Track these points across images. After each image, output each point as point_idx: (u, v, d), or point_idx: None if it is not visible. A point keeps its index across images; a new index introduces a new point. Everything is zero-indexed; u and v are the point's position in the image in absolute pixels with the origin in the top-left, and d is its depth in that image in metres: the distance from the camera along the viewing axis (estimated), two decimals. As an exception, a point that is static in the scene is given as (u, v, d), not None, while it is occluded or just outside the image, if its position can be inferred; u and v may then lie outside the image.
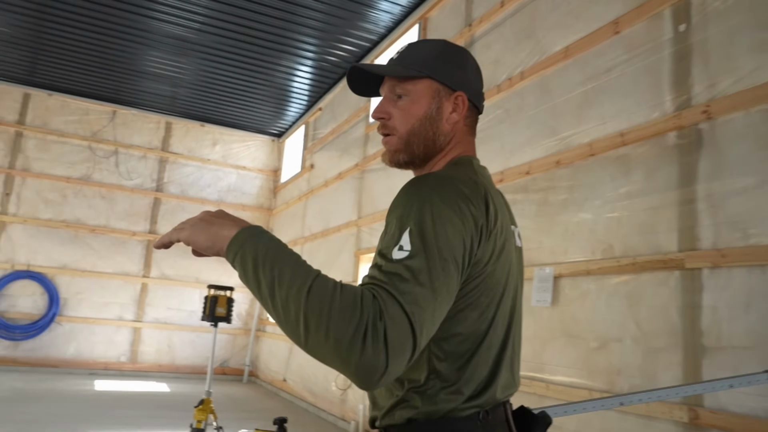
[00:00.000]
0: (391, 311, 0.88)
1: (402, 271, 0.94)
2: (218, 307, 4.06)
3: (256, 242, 0.98)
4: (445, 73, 1.21)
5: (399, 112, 1.22)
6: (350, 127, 7.96)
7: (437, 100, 1.21)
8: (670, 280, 3.03)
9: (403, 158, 1.23)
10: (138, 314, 10.00)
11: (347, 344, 0.85)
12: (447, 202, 1.03)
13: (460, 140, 1.25)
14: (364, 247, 6.93)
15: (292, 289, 0.90)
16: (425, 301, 0.93)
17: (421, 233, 0.98)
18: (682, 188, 3.04)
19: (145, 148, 10.45)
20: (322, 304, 0.87)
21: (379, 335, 0.85)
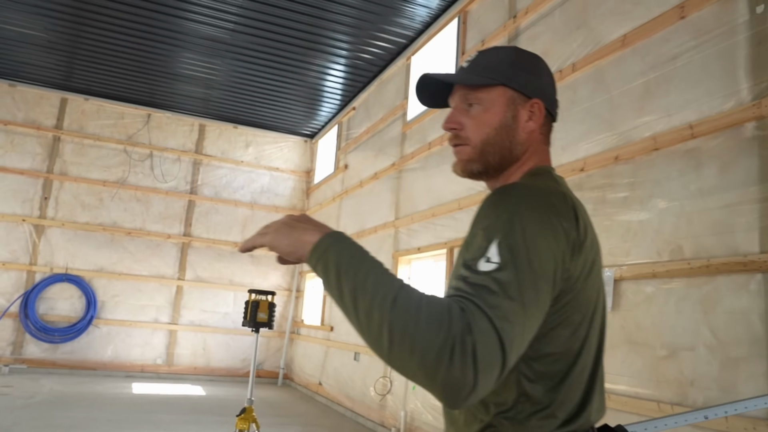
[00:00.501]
0: (481, 325, 0.82)
1: (490, 284, 0.88)
2: (260, 312, 3.93)
3: (340, 249, 0.95)
4: (519, 80, 1.15)
5: (472, 122, 1.16)
6: (386, 126, 7.80)
7: (512, 108, 1.15)
8: (750, 283, 2.78)
9: (476, 168, 1.18)
10: (173, 317, 10.00)
11: (434, 358, 0.80)
12: (537, 214, 0.99)
13: (536, 149, 1.19)
14: (403, 248, 6.75)
15: (376, 299, 0.86)
16: (515, 316, 0.87)
17: (511, 245, 0.93)
18: (764, 183, 2.78)
19: (180, 151, 10.45)
20: (408, 315, 0.83)
21: (467, 350, 0.80)
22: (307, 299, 10.55)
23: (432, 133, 6.38)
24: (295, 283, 10.81)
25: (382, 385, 6.71)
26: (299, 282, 10.82)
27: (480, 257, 0.93)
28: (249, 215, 10.76)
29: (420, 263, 6.70)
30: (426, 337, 0.81)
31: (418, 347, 0.81)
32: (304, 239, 1.00)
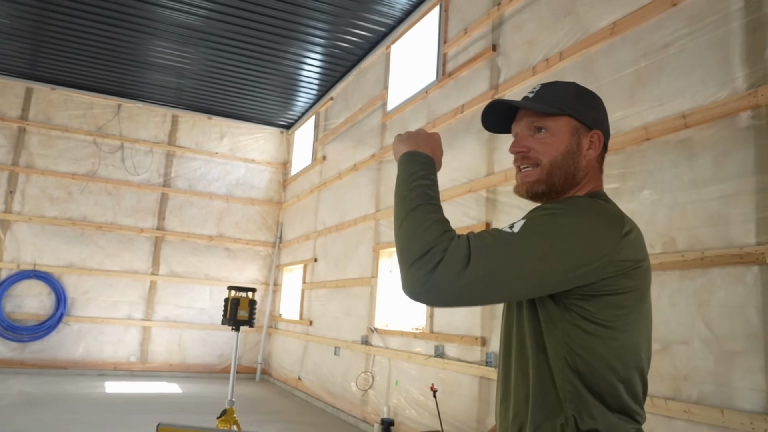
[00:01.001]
0: (456, 247, 1.05)
1: (493, 232, 1.10)
2: (240, 310, 3.78)
3: (410, 164, 1.23)
4: (583, 112, 1.28)
5: (540, 146, 1.27)
6: (365, 116, 7.65)
7: (576, 137, 1.26)
8: (747, 276, 2.73)
9: (542, 189, 1.28)
10: (147, 313, 9.75)
11: (410, 256, 1.06)
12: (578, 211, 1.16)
13: (593, 176, 1.30)
14: (384, 241, 6.64)
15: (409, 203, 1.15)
16: (494, 251, 1.06)
17: (535, 224, 1.11)
18: (760, 174, 2.73)
19: (152, 143, 10.16)
20: (416, 221, 1.10)
21: (432, 261, 1.04)
22: (285, 293, 10.39)
23: (413, 123, 6.26)
24: (273, 276, 10.63)
25: (364, 380, 6.61)
26: (276, 275, 10.64)
27: (506, 227, 1.12)
28: (224, 208, 10.53)
29: (401, 256, 6.59)
30: (415, 240, 1.07)
31: (407, 244, 1.08)
32: (400, 148, 1.28)
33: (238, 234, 10.58)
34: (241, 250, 10.56)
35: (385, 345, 6.25)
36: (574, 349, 1.14)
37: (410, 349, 5.73)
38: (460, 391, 4.86)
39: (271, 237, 10.83)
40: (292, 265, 9.95)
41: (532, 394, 1.17)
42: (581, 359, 1.13)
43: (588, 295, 1.13)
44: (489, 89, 5.00)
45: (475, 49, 5.30)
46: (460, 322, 5.00)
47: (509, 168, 4.57)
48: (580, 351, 1.14)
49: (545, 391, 1.16)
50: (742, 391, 2.70)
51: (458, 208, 5.21)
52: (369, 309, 6.73)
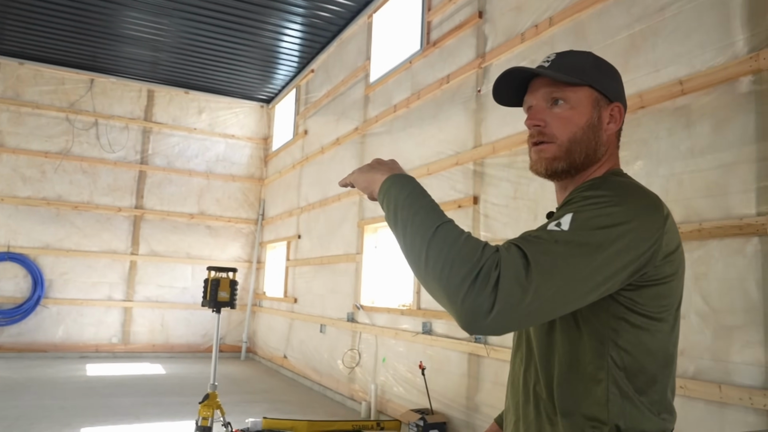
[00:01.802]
0: (511, 260, 0.88)
1: (543, 234, 0.95)
2: (221, 291, 3.63)
3: (400, 186, 1.05)
4: (604, 83, 1.17)
5: (558, 120, 1.15)
6: (347, 88, 7.44)
7: (597, 110, 1.16)
8: (746, 247, 2.64)
9: (562, 166, 1.17)
10: (128, 293, 9.56)
11: (457, 284, 0.87)
12: (625, 197, 1.02)
13: (613, 152, 1.21)
14: (368, 216, 6.49)
15: (421, 229, 0.96)
16: (555, 256, 0.91)
17: (585, 218, 0.97)
18: (762, 142, 2.62)
19: (127, 119, 9.84)
20: (444, 244, 0.91)
21: (489, 281, 0.86)
22: (269, 271, 10.24)
23: (397, 95, 6.08)
24: (256, 254, 10.46)
25: (351, 357, 6.53)
26: (260, 253, 10.48)
27: (553, 223, 0.98)
28: (205, 185, 10.29)
29: (387, 231, 6.47)
30: (455, 265, 0.88)
31: (446, 272, 0.88)
32: (376, 178, 1.12)
33: (220, 211, 10.36)
34: (223, 228, 10.36)
35: (372, 322, 6.16)
36: (622, 346, 1.03)
37: (397, 325, 5.63)
38: (448, 368, 4.78)
39: (253, 214, 10.63)
40: (275, 242, 9.79)
41: (561, 404, 1.06)
42: (629, 356, 1.03)
43: (638, 285, 1.01)
44: (475, 58, 4.82)
45: (461, 17, 5.11)
46: (448, 298, 4.89)
47: (497, 139, 4.44)
48: (629, 347, 1.03)
49: (581, 398, 1.04)
50: (741, 366, 2.63)
51: (445, 182, 5.08)
52: (354, 286, 6.61)
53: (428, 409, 4.82)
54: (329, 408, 6.34)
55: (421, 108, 5.61)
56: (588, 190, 1.06)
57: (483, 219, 4.55)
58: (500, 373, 4.20)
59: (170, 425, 5.19)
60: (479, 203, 4.62)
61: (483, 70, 4.75)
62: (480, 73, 4.78)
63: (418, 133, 5.63)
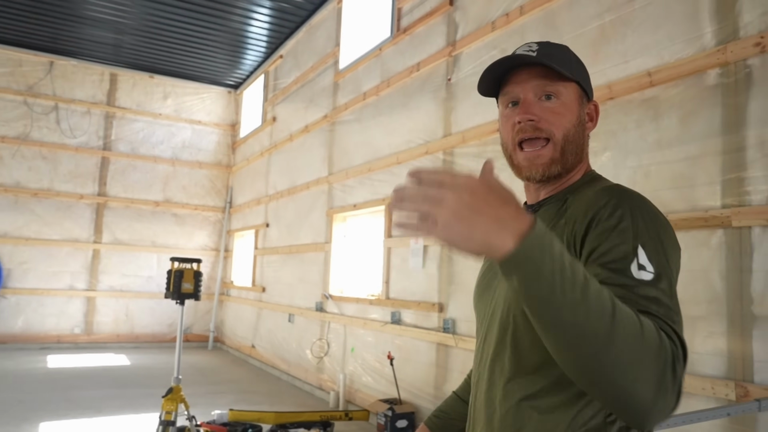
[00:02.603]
0: (680, 352, 0.80)
1: (666, 300, 0.85)
2: (184, 282, 3.54)
3: (540, 264, 0.71)
4: (585, 79, 1.12)
5: (552, 116, 1.06)
6: (316, 75, 7.32)
7: (582, 108, 1.10)
8: (711, 239, 2.67)
9: (557, 170, 1.08)
10: (91, 283, 9.32)
11: (653, 390, 0.75)
12: (664, 223, 0.96)
13: (587, 152, 1.14)
14: (337, 205, 6.42)
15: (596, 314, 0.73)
16: (682, 329, 0.86)
17: (659, 253, 0.90)
18: (728, 135, 2.64)
19: (89, 103, 9.54)
20: (627, 334, 0.74)
21: (676, 381, 0.77)
22: (236, 259, 10.10)
23: (367, 82, 6.00)
24: (223, 242, 10.30)
25: (319, 347, 6.48)
26: (227, 241, 10.32)
27: (630, 262, 0.87)
28: (170, 172, 10.07)
29: (356, 220, 6.42)
30: (646, 371, 0.74)
31: (637, 380, 0.74)
32: (492, 243, 0.70)
33: (186, 199, 10.16)
34: (190, 216, 10.16)
35: (341, 312, 6.12)
36: None
37: (366, 315, 5.60)
38: (417, 358, 4.78)
39: (220, 202, 10.45)
40: (243, 230, 9.65)
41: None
42: None
43: None
44: (446, 46, 4.78)
45: (432, 3, 5.04)
46: (417, 288, 4.88)
47: (466, 129, 4.41)
48: None
49: None
50: (704, 356, 2.66)
51: (414, 171, 5.03)
52: (323, 275, 6.55)
53: (397, 398, 4.81)
54: (297, 398, 6.30)
55: (391, 96, 5.55)
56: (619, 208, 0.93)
57: (452, 209, 4.52)
58: (468, 363, 4.20)
59: (134, 418, 5.08)
60: (449, 193, 4.58)
61: (453, 58, 4.70)
62: (450, 62, 4.73)
63: (387, 122, 5.57)
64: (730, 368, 2.54)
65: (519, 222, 0.70)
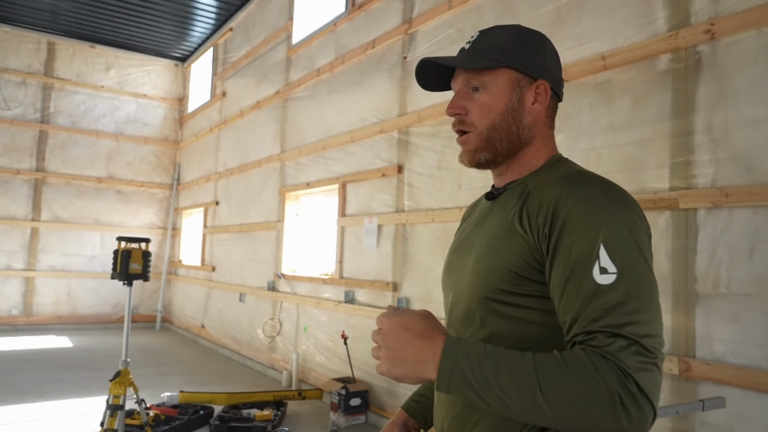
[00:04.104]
0: (631, 362, 0.82)
1: (622, 300, 0.85)
2: (132, 262, 3.41)
3: (465, 374, 0.86)
4: (524, 61, 1.09)
5: (477, 107, 1.10)
6: (268, 49, 7.14)
7: (518, 91, 1.09)
8: (659, 221, 2.75)
9: (485, 157, 1.11)
10: (30, 262, 8.92)
11: (611, 419, 0.80)
12: (628, 207, 0.95)
13: (545, 134, 1.14)
14: (290, 183, 6.33)
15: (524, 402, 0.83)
16: (652, 322, 0.86)
17: (622, 247, 0.89)
18: (677, 119, 2.71)
19: (25, 73, 9.03)
20: (564, 399, 0.81)
21: (634, 394, 0.81)
22: (185, 238, 9.86)
23: (321, 58, 5.89)
24: (171, 220, 10.03)
25: (271, 326, 6.42)
26: (175, 219, 10.05)
27: (591, 266, 0.88)
28: (114, 147, 9.68)
29: (309, 199, 6.34)
30: (593, 409, 0.80)
31: (592, 419, 0.80)
32: (422, 376, 0.90)
33: (131, 175, 9.81)
34: (135, 193, 9.83)
35: (293, 291, 6.06)
36: None
37: (319, 294, 5.57)
38: (371, 337, 4.78)
39: (167, 178, 10.14)
40: (191, 208, 9.41)
41: None
42: None
43: None
44: (402, 23, 4.72)
45: (388, -20, 4.96)
46: (371, 267, 4.88)
47: (422, 108, 4.39)
48: None
49: None
50: (650, 333, 2.76)
51: (369, 150, 5.00)
52: (275, 254, 6.47)
53: (350, 377, 4.82)
54: (249, 378, 6.24)
55: (346, 73, 5.47)
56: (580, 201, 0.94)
57: (407, 188, 4.52)
58: (422, 342, 4.24)
59: (79, 402, 4.92)
60: (404, 172, 4.58)
61: (409, 36, 4.66)
62: (406, 40, 4.69)
63: (342, 99, 5.49)
64: (674, 344, 2.64)
65: (433, 354, 0.87)
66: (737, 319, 2.45)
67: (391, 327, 0.90)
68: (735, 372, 2.43)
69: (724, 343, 2.49)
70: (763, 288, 2.37)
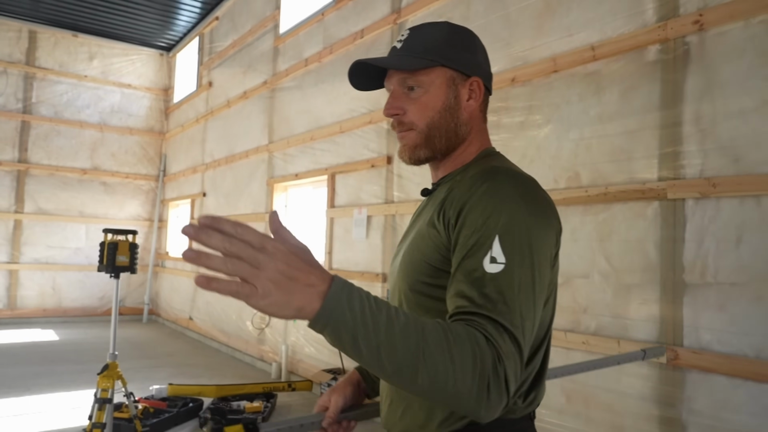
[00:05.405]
0: (507, 348, 0.84)
1: (505, 290, 0.88)
2: (119, 255, 3.37)
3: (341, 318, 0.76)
4: (457, 58, 1.11)
5: (415, 106, 1.11)
6: (255, 39, 7.07)
7: (454, 89, 1.11)
8: (647, 211, 2.77)
9: (425, 154, 1.13)
10: (13, 255, 8.81)
11: (474, 398, 0.80)
12: (535, 207, 0.97)
13: (479, 128, 1.16)
14: (278, 175, 6.29)
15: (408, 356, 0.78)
16: (527, 319, 0.89)
17: (515, 242, 0.92)
18: (665, 110, 2.72)
19: (5, 62, 8.87)
20: (441, 366, 0.78)
21: (500, 380, 0.82)
22: (171, 230, 9.78)
23: (309, 48, 5.84)
24: (157, 212, 9.94)
25: (260, 318, 6.41)
26: (162, 211, 9.97)
27: (482, 254, 0.91)
28: (98, 138, 9.56)
29: (298, 190, 6.31)
30: (462, 384, 0.79)
31: (457, 394, 0.79)
32: (305, 307, 0.73)
33: (116, 167, 9.70)
34: (120, 185, 9.73)
35: (282, 282, 6.04)
36: None
37: (308, 286, 5.55)
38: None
39: (153, 170, 10.05)
40: (178, 200, 9.33)
41: None
42: None
43: None
44: (390, 13, 4.69)
45: (376, -31, 4.93)
46: (360, 258, 4.88)
47: (412, 99, 4.36)
48: None
49: None
50: (638, 322, 2.79)
51: (358, 140, 4.98)
52: (264, 246, 6.43)
53: (340, 368, 4.83)
54: (238, 370, 6.23)
55: (334, 63, 5.43)
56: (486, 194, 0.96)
57: (396, 179, 4.51)
58: (412, 332, 4.25)
59: (65, 396, 4.89)
60: (393, 163, 4.57)
61: (398, 26, 4.63)
62: (395, 29, 4.66)
63: (330, 90, 5.46)
64: (661, 333, 2.67)
65: (322, 283, 0.74)
66: (724, 307, 2.48)
67: (281, 248, 0.73)
68: (722, 360, 2.46)
69: (710, 331, 2.52)
70: (750, 277, 2.40)
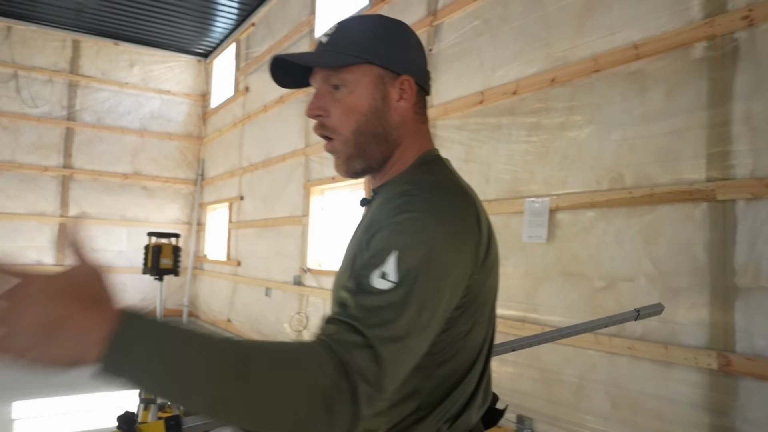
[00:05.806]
0: (362, 365, 0.73)
1: (384, 308, 0.78)
2: (163, 258, 3.45)
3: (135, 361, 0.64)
4: (386, 55, 1.00)
5: (339, 109, 0.99)
6: (291, 44, 7.14)
7: (381, 89, 1.00)
8: (695, 213, 2.70)
9: (360, 165, 1.03)
10: (58, 258, 9.08)
11: (316, 420, 0.69)
12: (445, 228, 0.87)
13: (415, 131, 1.06)
14: (315, 178, 6.34)
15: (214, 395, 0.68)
16: (412, 339, 0.80)
17: (412, 263, 0.82)
18: (713, 108, 2.65)
19: (51, 71, 9.15)
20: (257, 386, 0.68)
21: (345, 397, 0.71)
22: (210, 233, 9.95)
23: (344, 52, 5.87)
24: (196, 215, 10.13)
25: (298, 321, 6.46)
26: (200, 215, 10.15)
27: (374, 269, 0.82)
28: (139, 143, 9.79)
29: (334, 193, 6.35)
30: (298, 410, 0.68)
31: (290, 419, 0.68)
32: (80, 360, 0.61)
33: (156, 171, 9.92)
34: (160, 189, 9.94)
35: (319, 285, 6.09)
36: None
37: (345, 288, 5.58)
38: None
39: (192, 174, 10.24)
40: (216, 203, 9.49)
41: None
42: None
43: None
44: (426, 15, 4.68)
45: (411, -29, 4.93)
46: (398, 261, 4.87)
47: (448, 100, 4.35)
48: None
49: None
50: (686, 327, 2.72)
51: (394, 144, 4.98)
52: (301, 249, 6.50)
53: (378, 371, 4.83)
54: (276, 371, 6.29)
55: (370, 66, 5.44)
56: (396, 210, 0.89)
57: (433, 181, 4.49)
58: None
59: (112, 396, 5.01)
60: (429, 165, 4.55)
61: (434, 28, 4.62)
62: (431, 32, 4.65)
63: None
64: (712, 338, 2.59)
65: (103, 324, 0.61)
66: (778, 312, 2.40)
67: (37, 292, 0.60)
68: (776, 366, 2.38)
69: (765, 337, 2.44)
70: (806, 281, 2.32)
